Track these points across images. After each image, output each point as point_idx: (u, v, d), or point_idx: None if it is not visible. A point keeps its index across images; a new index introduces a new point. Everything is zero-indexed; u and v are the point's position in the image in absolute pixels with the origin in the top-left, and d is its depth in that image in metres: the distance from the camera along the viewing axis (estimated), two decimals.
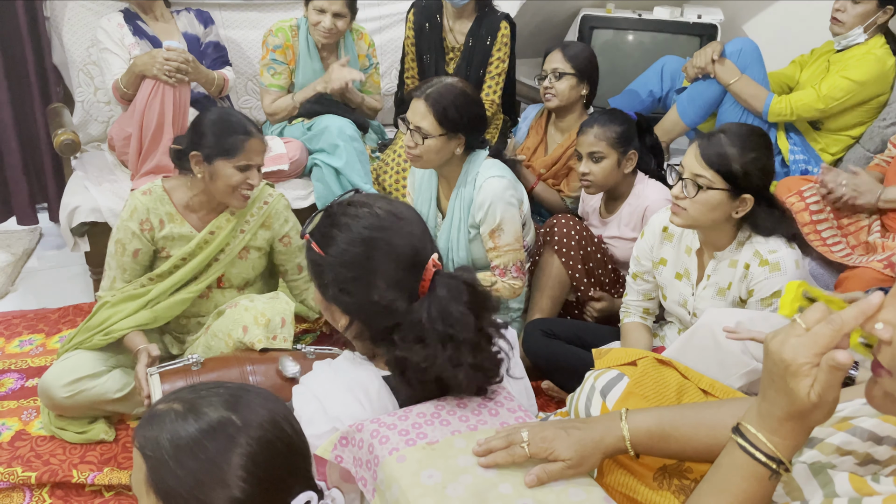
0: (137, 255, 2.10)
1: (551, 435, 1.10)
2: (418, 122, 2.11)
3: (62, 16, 2.96)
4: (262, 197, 2.19)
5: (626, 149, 2.36)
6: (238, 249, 2.15)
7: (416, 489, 1.03)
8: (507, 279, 2.24)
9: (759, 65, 2.85)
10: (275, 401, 1.00)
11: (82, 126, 3.04)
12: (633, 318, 2.14)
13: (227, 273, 2.17)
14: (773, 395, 0.83)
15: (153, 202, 2.10)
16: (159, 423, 0.93)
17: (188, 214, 2.12)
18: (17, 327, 2.64)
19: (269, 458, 0.93)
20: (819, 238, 2.37)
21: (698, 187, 1.77)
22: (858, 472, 0.89)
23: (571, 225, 2.39)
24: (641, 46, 3.52)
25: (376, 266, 1.19)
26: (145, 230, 2.09)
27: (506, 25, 2.97)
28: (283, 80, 2.93)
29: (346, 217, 1.22)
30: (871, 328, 0.78)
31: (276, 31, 2.88)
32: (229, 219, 2.13)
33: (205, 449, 0.91)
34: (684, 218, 1.81)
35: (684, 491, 1.24)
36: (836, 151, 2.89)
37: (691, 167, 1.79)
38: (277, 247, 2.23)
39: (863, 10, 2.68)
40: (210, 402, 0.95)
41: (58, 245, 3.23)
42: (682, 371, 1.46)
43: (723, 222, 1.82)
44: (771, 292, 1.78)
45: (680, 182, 1.81)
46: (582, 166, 2.39)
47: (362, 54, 3.02)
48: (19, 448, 2.05)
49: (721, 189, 1.76)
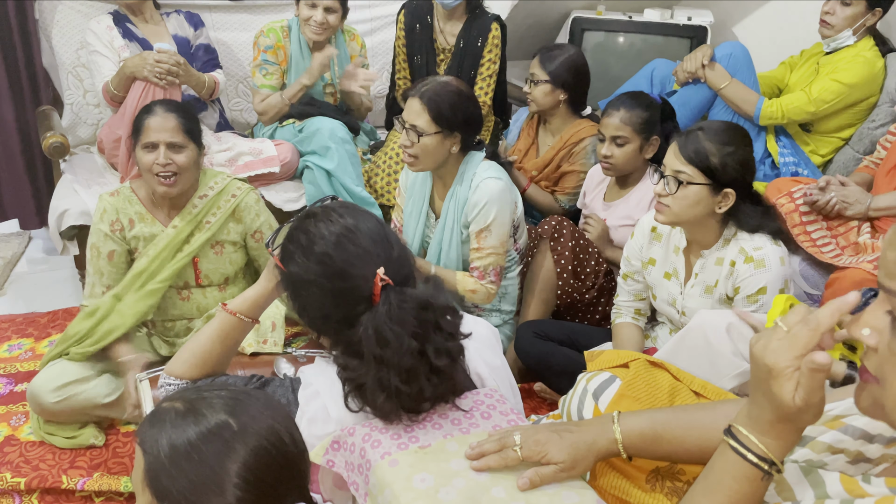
0: (113, 257, 2.09)
1: (544, 438, 1.10)
2: (413, 121, 2.11)
3: (51, 18, 2.95)
4: (230, 189, 2.17)
5: (649, 134, 2.35)
6: (203, 242, 2.12)
7: (409, 493, 1.03)
8: (485, 282, 2.24)
9: (749, 68, 2.86)
10: (276, 408, 0.99)
11: (71, 129, 3.03)
12: (625, 318, 2.14)
13: (203, 269, 2.16)
14: (761, 398, 0.84)
15: (121, 202, 2.10)
16: (160, 421, 0.94)
17: (156, 212, 2.12)
18: (5, 331, 2.62)
19: (265, 468, 0.93)
20: (809, 239, 2.38)
21: (679, 183, 1.80)
22: (849, 471, 0.89)
23: (565, 226, 2.39)
24: (632, 48, 3.53)
25: (327, 283, 1.17)
26: (116, 230, 2.08)
27: (496, 27, 2.97)
28: (274, 80, 2.93)
29: (301, 234, 1.21)
30: (858, 334, 0.77)
31: (266, 32, 2.88)
32: (191, 211, 2.12)
33: (201, 454, 0.91)
34: (668, 215, 1.84)
35: (677, 493, 1.24)
36: (825, 153, 2.91)
37: (671, 164, 1.83)
38: (250, 242, 2.22)
39: (852, 12, 2.69)
40: (211, 405, 0.95)
41: (47, 249, 3.21)
42: (673, 373, 1.47)
43: (706, 218, 1.84)
44: (756, 289, 1.80)
45: (662, 180, 1.84)
46: (604, 149, 2.37)
47: (354, 55, 3.01)
48: (8, 454, 2.03)
49: (701, 184, 1.79)
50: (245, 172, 2.72)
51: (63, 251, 2.65)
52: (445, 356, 1.16)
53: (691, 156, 1.79)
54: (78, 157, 2.99)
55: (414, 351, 1.13)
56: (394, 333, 1.12)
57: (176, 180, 2.03)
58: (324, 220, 1.21)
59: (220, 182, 2.18)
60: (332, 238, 1.18)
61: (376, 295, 1.14)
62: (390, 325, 1.12)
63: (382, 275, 1.15)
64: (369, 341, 1.12)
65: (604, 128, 2.38)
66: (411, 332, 1.13)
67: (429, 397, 1.16)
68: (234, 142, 2.86)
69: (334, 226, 1.20)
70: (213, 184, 2.17)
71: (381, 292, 1.14)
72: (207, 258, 2.15)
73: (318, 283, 1.18)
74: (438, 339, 1.16)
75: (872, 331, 0.76)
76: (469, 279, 2.25)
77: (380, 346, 1.12)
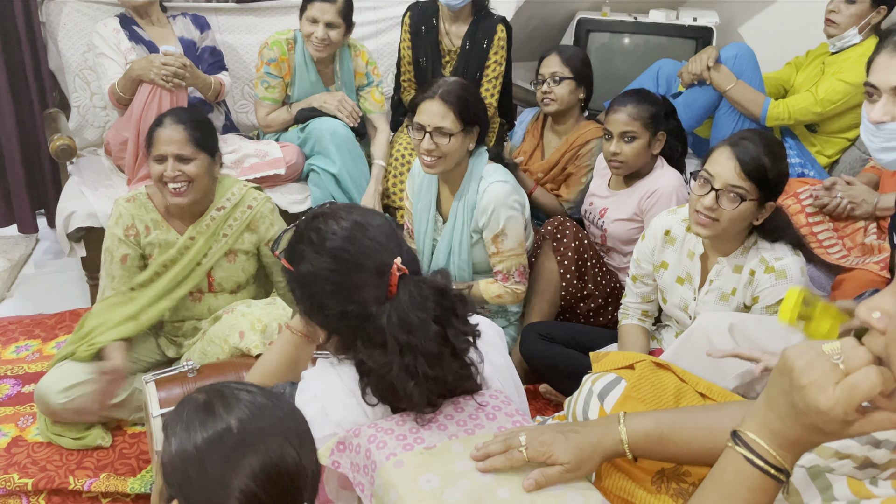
0: (126, 261, 2.09)
1: (549, 439, 1.10)
2: (438, 123, 2.08)
3: (57, 21, 2.96)
4: (247, 200, 2.17)
5: (656, 129, 2.33)
6: (219, 254, 2.13)
7: (414, 494, 1.03)
8: (509, 284, 2.24)
9: (755, 69, 2.85)
10: (295, 421, 0.99)
11: (78, 131, 3.04)
12: (632, 320, 2.13)
13: (216, 277, 2.16)
14: (795, 424, 0.81)
15: (137, 209, 2.10)
16: (178, 414, 0.96)
17: (172, 220, 2.12)
18: (13, 333, 2.64)
19: (267, 486, 0.92)
20: (815, 240, 2.37)
21: (741, 199, 1.71)
22: (857, 476, 0.89)
23: (568, 227, 2.39)
24: (637, 49, 3.53)
25: (343, 278, 1.18)
26: (130, 235, 2.09)
27: (502, 28, 2.97)
28: (276, 93, 2.93)
29: (311, 232, 1.22)
30: (869, 317, 0.77)
31: (271, 45, 2.86)
32: (209, 224, 2.12)
33: (203, 464, 0.92)
34: (715, 229, 1.76)
35: (682, 494, 1.24)
36: (831, 154, 2.90)
37: (727, 178, 1.72)
38: (264, 250, 2.22)
39: (857, 10, 2.69)
40: (228, 405, 0.95)
41: (54, 250, 3.22)
42: (679, 374, 1.46)
43: (743, 230, 1.81)
44: (776, 300, 1.77)
45: (713, 192, 1.74)
46: (613, 146, 2.32)
47: (360, 72, 2.98)
48: (16, 454, 2.04)
49: (755, 199, 1.73)
50: (251, 174, 2.72)
51: (70, 253, 2.66)
52: (465, 340, 1.19)
53: (751, 171, 1.71)
54: (85, 160, 3.00)
55: (438, 335, 1.15)
56: (418, 319, 1.14)
57: (186, 190, 2.03)
58: (333, 218, 1.22)
59: (237, 193, 2.16)
60: (344, 233, 1.20)
61: (393, 285, 1.16)
62: (414, 311, 1.14)
63: (399, 264, 1.17)
64: (394, 329, 1.13)
65: (611, 124, 2.34)
66: (433, 317, 1.15)
67: (451, 383, 1.18)
68: (240, 144, 2.87)
69: (345, 222, 1.21)
70: (230, 195, 2.15)
71: (398, 282, 1.16)
72: (221, 267, 2.16)
73: (333, 279, 1.18)
74: (458, 324, 1.18)
75: (883, 314, 0.76)
76: (492, 286, 2.25)
77: (405, 332, 1.13)
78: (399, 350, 1.14)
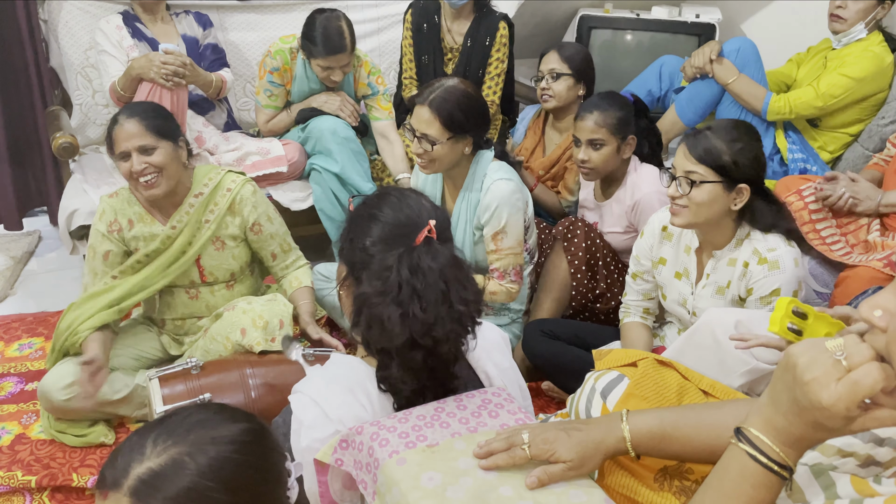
0: (108, 257, 2.09)
1: (552, 436, 1.10)
2: (424, 130, 2.09)
3: (58, 18, 2.96)
4: (225, 184, 2.15)
5: (625, 134, 2.33)
6: (204, 241, 2.11)
7: (417, 492, 1.03)
8: (505, 282, 2.24)
9: (758, 64, 2.85)
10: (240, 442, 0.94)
11: (80, 129, 3.04)
12: (634, 317, 2.13)
13: (206, 265, 2.16)
14: (798, 421, 0.81)
15: (120, 203, 2.10)
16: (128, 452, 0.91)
17: (155, 212, 2.12)
18: (16, 331, 2.64)
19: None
20: (818, 237, 2.37)
21: (692, 183, 1.78)
22: (860, 474, 0.89)
23: (579, 227, 2.38)
24: (640, 46, 3.52)
25: (387, 228, 1.24)
26: (113, 231, 2.08)
27: (504, 26, 2.96)
28: (278, 101, 2.92)
29: (357, 216, 1.29)
30: (870, 315, 0.77)
31: (274, 54, 2.83)
32: (189, 211, 2.10)
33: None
34: (684, 216, 1.82)
35: (685, 492, 1.24)
36: (834, 149, 2.89)
37: (682, 165, 1.81)
38: (249, 235, 2.19)
39: (864, 5, 2.68)
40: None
41: (57, 248, 3.22)
42: (682, 372, 1.46)
43: (723, 217, 1.82)
44: (770, 290, 1.78)
45: (674, 182, 1.82)
46: (581, 153, 2.34)
47: (363, 82, 2.94)
48: (19, 452, 2.05)
49: (715, 181, 1.77)
50: (253, 172, 2.72)
51: (73, 251, 2.66)
52: (464, 304, 1.21)
53: (702, 154, 1.78)
54: (87, 158, 3.00)
55: (440, 289, 1.18)
56: (427, 266, 1.18)
57: (157, 180, 2.01)
58: (373, 199, 1.30)
59: (215, 177, 2.14)
60: (387, 202, 1.27)
61: (419, 239, 1.21)
62: (426, 259, 1.19)
63: (433, 226, 1.22)
64: (402, 268, 1.18)
65: (578, 131, 2.34)
66: (440, 274, 1.19)
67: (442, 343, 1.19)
68: (242, 142, 2.87)
69: (388, 197, 1.29)
70: (207, 180, 2.13)
71: (424, 238, 1.21)
72: (209, 254, 2.15)
73: (374, 216, 1.26)
74: (461, 290, 1.21)
75: (884, 312, 0.76)
76: (488, 283, 2.24)
77: (411, 272, 1.18)
78: (398, 285, 1.17)
